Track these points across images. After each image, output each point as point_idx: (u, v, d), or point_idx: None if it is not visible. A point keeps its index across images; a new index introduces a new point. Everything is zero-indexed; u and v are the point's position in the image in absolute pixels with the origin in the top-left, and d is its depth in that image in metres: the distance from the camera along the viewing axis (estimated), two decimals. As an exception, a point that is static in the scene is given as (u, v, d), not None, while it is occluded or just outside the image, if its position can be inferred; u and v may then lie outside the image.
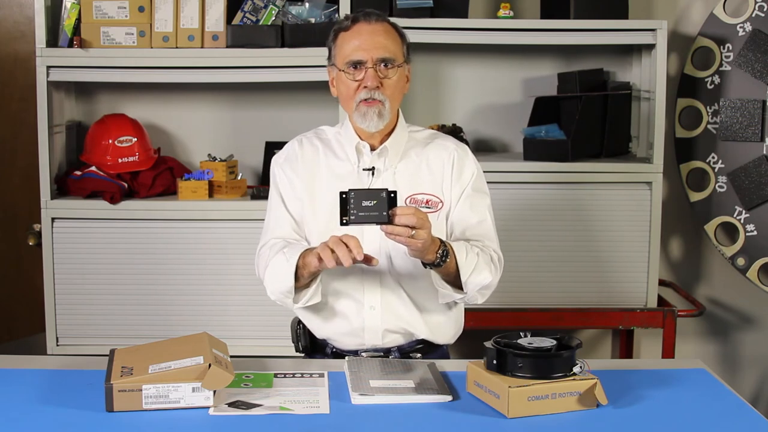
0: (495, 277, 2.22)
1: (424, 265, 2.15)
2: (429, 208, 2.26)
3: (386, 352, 2.29)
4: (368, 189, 2.04)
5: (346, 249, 2.01)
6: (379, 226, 2.03)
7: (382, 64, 2.21)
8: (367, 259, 2.08)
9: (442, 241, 2.12)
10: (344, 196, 2.01)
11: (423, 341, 2.32)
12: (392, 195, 2.01)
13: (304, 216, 2.29)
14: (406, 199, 2.25)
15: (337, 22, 2.32)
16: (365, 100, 2.21)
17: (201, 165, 3.36)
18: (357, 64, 2.21)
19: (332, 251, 2.02)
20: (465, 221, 2.27)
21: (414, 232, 2.01)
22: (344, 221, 2.01)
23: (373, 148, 2.28)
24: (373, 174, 2.27)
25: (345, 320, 2.28)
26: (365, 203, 2.00)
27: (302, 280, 2.18)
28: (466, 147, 2.36)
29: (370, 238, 2.22)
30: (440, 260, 2.11)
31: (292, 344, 2.40)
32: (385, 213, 2.00)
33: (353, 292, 2.26)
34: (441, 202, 2.28)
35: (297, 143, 2.35)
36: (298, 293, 2.20)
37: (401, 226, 2.00)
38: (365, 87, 2.20)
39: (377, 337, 2.28)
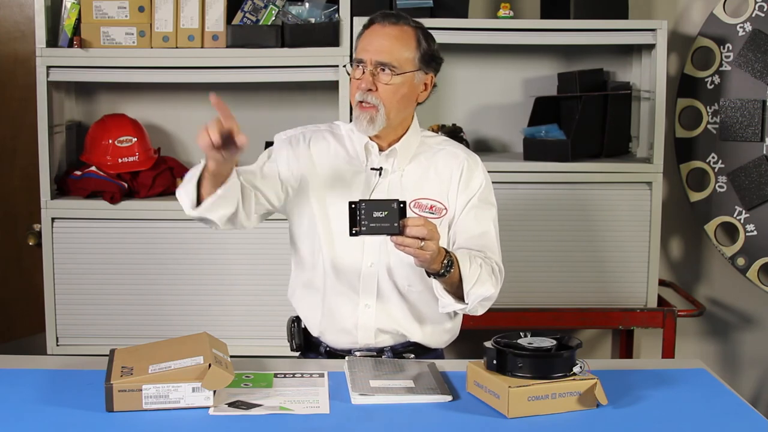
0: (496, 290, 2.21)
1: (428, 274, 2.14)
2: (432, 213, 2.25)
3: (379, 352, 2.29)
4: (378, 200, 2.02)
5: (207, 137, 2.02)
6: (389, 238, 2.02)
7: (380, 68, 2.20)
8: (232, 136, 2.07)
9: (446, 251, 2.11)
10: (354, 206, 2.00)
11: (416, 343, 2.32)
12: (402, 206, 2.00)
13: (296, 205, 2.29)
14: (411, 202, 2.24)
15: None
16: (360, 102, 2.21)
17: (201, 165, 3.36)
18: (359, 63, 2.22)
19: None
20: (468, 231, 2.27)
21: (423, 243, 2.00)
22: (354, 231, 2.00)
23: (383, 149, 2.28)
24: (380, 174, 2.26)
25: (339, 317, 2.28)
26: (376, 214, 1.98)
27: (207, 180, 2.11)
28: (477, 158, 2.35)
29: (371, 245, 2.23)
30: (445, 270, 2.09)
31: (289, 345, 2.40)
32: (396, 224, 1.98)
33: (349, 290, 2.27)
34: (445, 209, 2.27)
35: (308, 133, 2.34)
36: (207, 200, 2.11)
37: (411, 237, 2.00)
38: (360, 87, 2.20)
39: (370, 336, 2.27)
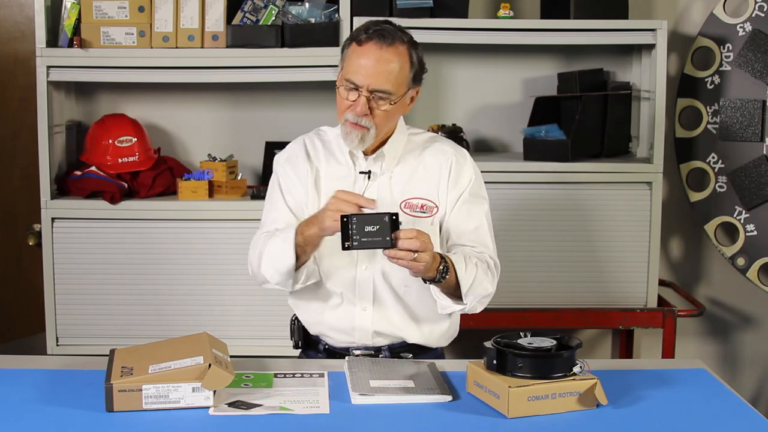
0: (493, 287, 2.21)
1: (425, 280, 2.13)
2: (423, 212, 2.25)
3: (377, 351, 2.29)
4: (370, 213, 2.02)
5: (352, 204, 2.04)
6: (381, 251, 2.03)
7: (377, 95, 2.16)
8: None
9: (441, 256, 2.10)
10: (345, 219, 2.00)
11: (414, 343, 2.31)
12: (394, 218, 2.00)
13: (305, 213, 2.28)
14: (401, 203, 2.24)
15: (357, 29, 2.24)
16: (350, 122, 2.18)
17: (201, 165, 3.36)
18: (352, 86, 2.17)
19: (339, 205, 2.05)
20: (461, 227, 2.26)
21: (416, 255, 2.00)
22: (346, 246, 2.01)
23: (368, 153, 2.27)
24: (369, 177, 2.26)
25: (337, 318, 2.28)
26: (367, 228, 1.99)
27: (303, 257, 2.17)
28: (465, 152, 2.34)
29: (367, 251, 2.21)
30: (441, 276, 2.09)
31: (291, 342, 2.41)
32: (388, 238, 1.99)
33: (347, 291, 2.26)
34: (436, 207, 2.26)
35: (300, 143, 2.34)
36: (297, 273, 2.19)
37: (404, 250, 2.00)
38: (354, 111, 2.17)
39: (367, 337, 2.28)
